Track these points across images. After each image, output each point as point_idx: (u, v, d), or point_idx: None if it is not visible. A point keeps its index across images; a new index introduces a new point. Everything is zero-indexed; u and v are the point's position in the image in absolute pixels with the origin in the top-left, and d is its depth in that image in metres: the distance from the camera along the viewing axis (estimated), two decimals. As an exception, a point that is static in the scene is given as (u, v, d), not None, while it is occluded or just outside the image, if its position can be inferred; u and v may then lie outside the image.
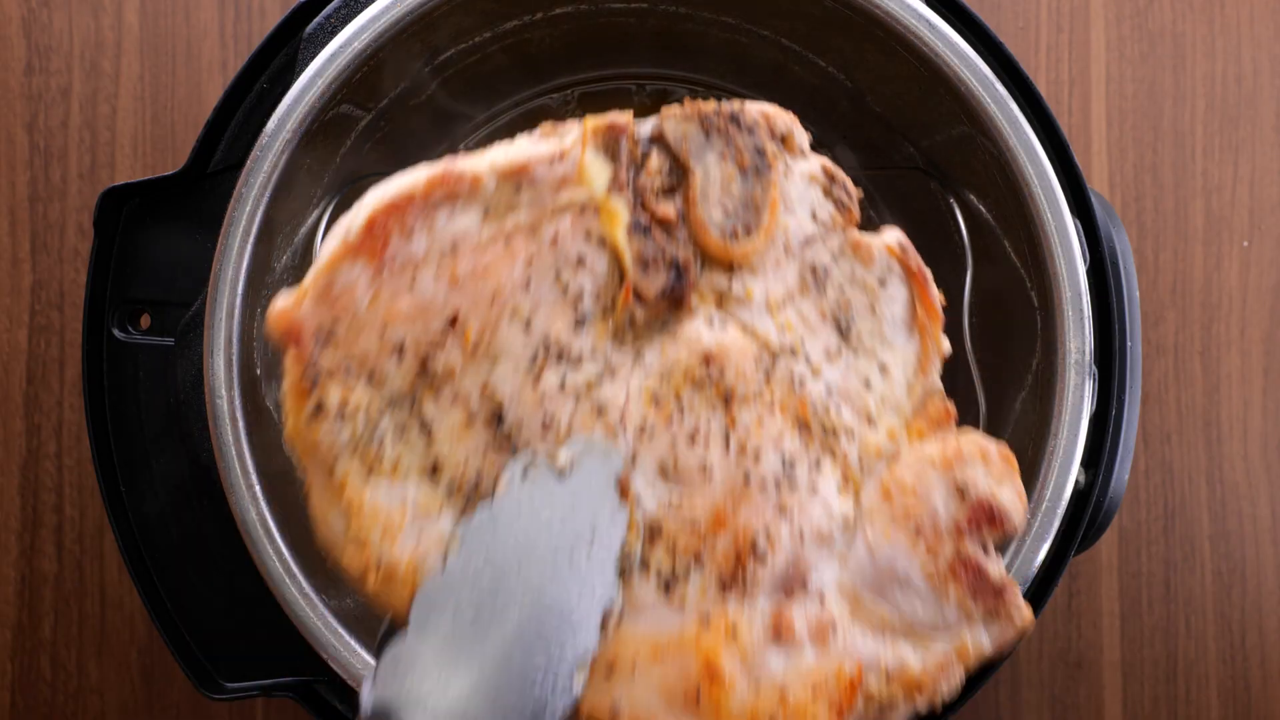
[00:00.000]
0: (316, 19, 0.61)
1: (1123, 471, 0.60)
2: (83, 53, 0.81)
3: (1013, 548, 0.57)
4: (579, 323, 0.46)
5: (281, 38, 0.62)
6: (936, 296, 0.52)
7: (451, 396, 0.45)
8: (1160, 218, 0.83)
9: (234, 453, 0.57)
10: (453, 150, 0.68)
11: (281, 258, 0.62)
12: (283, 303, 0.45)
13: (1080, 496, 0.59)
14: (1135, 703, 0.81)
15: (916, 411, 0.51)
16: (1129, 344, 0.61)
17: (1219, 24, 0.84)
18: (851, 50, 0.65)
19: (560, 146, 0.47)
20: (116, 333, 0.62)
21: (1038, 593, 0.59)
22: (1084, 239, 0.60)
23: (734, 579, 0.47)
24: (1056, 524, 0.57)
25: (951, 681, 0.49)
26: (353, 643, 0.57)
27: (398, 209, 0.45)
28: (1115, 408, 0.60)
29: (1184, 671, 0.81)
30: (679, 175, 0.48)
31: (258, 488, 0.57)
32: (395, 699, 0.43)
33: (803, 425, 0.48)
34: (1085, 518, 0.59)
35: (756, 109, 0.51)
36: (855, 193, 0.52)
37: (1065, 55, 0.84)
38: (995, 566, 0.50)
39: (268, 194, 0.58)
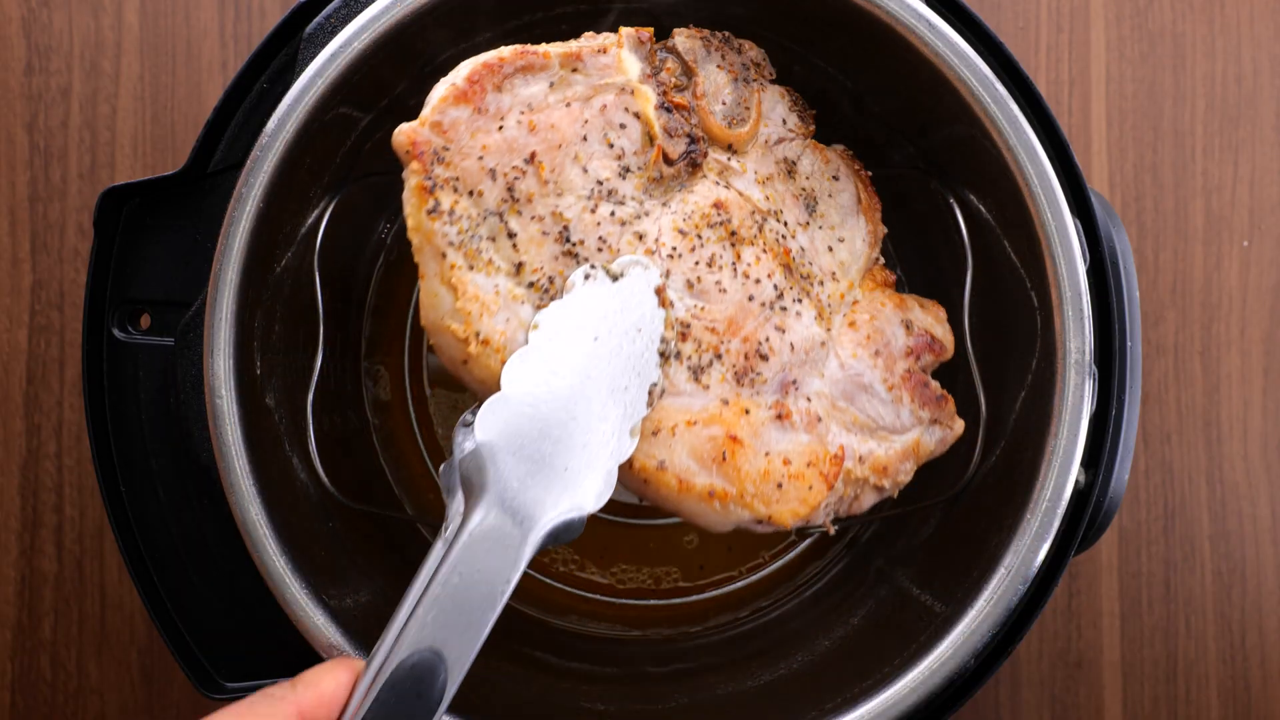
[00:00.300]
0: (316, 19, 0.61)
1: (1123, 471, 0.60)
2: (83, 53, 0.81)
3: (1012, 547, 0.57)
4: (622, 172, 0.58)
5: (281, 38, 0.62)
6: (873, 191, 0.66)
7: (531, 215, 0.57)
8: (1160, 218, 0.83)
9: (234, 453, 0.57)
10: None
11: (282, 258, 0.63)
12: (407, 126, 0.56)
13: (1080, 496, 0.59)
14: (1135, 703, 0.81)
15: (867, 274, 0.65)
16: (1129, 344, 0.61)
17: (1219, 24, 0.84)
18: (851, 50, 0.65)
19: (603, 43, 0.59)
20: (116, 333, 0.62)
21: (1038, 593, 0.59)
22: (1084, 239, 0.59)
23: (745, 374, 0.59)
24: (1056, 524, 0.57)
25: (907, 469, 0.62)
26: (352, 643, 0.57)
27: (491, 69, 0.57)
28: (1115, 408, 0.60)
29: (1184, 671, 0.81)
30: (688, 77, 0.61)
31: (258, 488, 0.57)
32: (494, 429, 0.53)
33: (787, 269, 0.61)
34: (1085, 518, 0.59)
35: (741, 40, 0.63)
36: (811, 112, 0.65)
37: (1065, 55, 0.84)
38: (935, 384, 0.64)
39: (268, 194, 0.58)
